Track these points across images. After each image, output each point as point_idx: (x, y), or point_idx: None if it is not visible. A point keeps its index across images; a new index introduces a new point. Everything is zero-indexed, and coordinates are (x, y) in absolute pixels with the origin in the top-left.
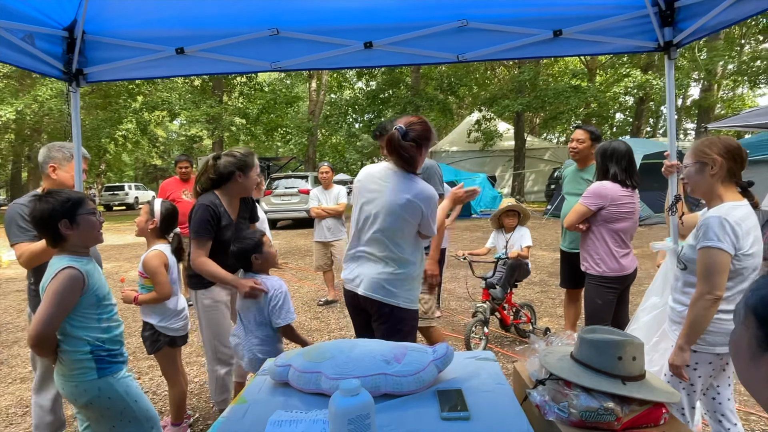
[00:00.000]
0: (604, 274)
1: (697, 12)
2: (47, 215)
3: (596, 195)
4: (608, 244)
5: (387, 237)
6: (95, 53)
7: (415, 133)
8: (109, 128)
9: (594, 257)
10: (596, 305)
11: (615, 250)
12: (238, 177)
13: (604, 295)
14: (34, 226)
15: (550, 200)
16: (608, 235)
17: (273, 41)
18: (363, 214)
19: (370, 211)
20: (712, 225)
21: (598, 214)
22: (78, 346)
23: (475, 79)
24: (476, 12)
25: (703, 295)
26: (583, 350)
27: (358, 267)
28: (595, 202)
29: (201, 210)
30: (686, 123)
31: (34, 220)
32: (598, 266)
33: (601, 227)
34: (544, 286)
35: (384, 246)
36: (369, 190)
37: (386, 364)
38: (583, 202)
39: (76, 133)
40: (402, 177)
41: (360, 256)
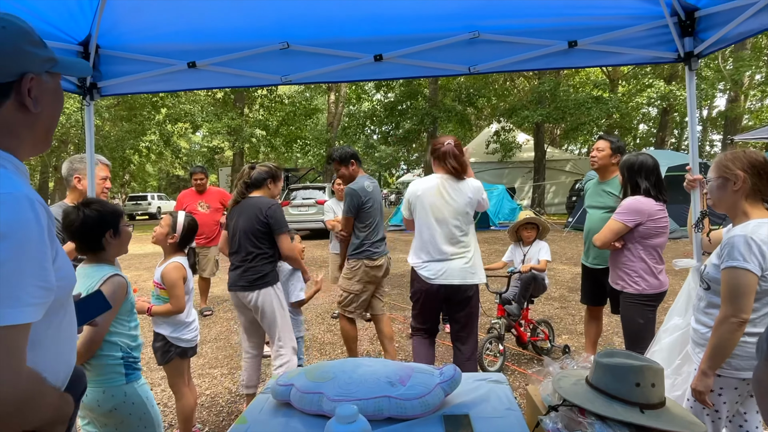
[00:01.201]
0: (644, 291)
1: (718, 22)
2: (96, 224)
3: (633, 211)
4: (646, 260)
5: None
6: (109, 67)
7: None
8: (133, 139)
9: (632, 275)
10: (638, 325)
11: (653, 267)
12: (269, 184)
13: (645, 314)
14: (77, 233)
15: (571, 213)
16: (645, 251)
17: (283, 55)
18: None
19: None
20: (737, 244)
21: (635, 230)
22: (112, 351)
23: (494, 90)
24: (488, 23)
25: (727, 318)
26: (599, 375)
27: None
28: (632, 218)
29: (279, 208)
30: (712, 134)
31: (80, 227)
32: (637, 284)
33: (638, 244)
34: (564, 301)
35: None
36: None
37: (390, 386)
38: (620, 219)
39: (89, 145)
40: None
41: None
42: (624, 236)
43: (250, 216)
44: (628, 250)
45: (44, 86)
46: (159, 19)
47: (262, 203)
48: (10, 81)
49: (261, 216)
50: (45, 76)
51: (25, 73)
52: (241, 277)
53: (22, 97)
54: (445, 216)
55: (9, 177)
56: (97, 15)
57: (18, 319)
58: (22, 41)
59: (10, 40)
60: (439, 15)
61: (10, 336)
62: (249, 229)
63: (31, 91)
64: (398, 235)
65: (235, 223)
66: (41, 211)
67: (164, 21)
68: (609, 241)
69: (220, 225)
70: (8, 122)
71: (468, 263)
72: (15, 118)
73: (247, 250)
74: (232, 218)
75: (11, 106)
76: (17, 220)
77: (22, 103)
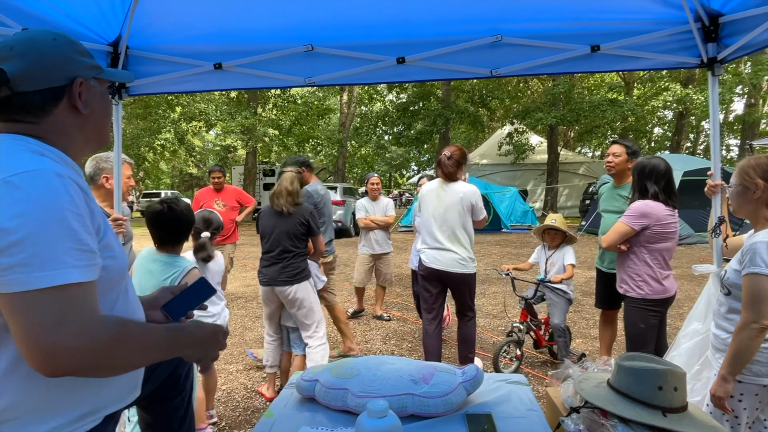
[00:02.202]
0: (647, 296)
1: (742, 28)
2: (191, 221)
3: (641, 214)
4: (651, 265)
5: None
6: (137, 67)
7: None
8: (148, 137)
9: (635, 279)
10: (638, 329)
11: (658, 272)
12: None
13: (647, 319)
14: (169, 225)
15: (585, 216)
16: (650, 256)
17: (307, 57)
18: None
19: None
20: (759, 250)
21: (641, 234)
22: None
23: (508, 92)
24: (511, 27)
25: (748, 323)
26: (621, 378)
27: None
28: (639, 221)
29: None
30: (729, 139)
31: (188, 222)
32: (640, 288)
33: (643, 248)
34: (578, 305)
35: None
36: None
37: (414, 384)
38: (626, 221)
39: (117, 144)
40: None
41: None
42: (630, 239)
43: (292, 220)
44: (633, 254)
45: (93, 90)
46: (188, 21)
47: (303, 209)
48: (63, 85)
49: (303, 220)
50: (93, 81)
51: (76, 78)
52: (281, 272)
53: (74, 100)
54: (440, 212)
55: (42, 159)
56: (129, 17)
57: (66, 278)
58: (71, 51)
59: (61, 49)
60: (462, 19)
61: (70, 295)
62: (291, 231)
63: (82, 94)
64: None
65: (273, 224)
66: (72, 184)
67: (193, 23)
68: (615, 243)
69: (236, 223)
70: (61, 123)
71: (458, 256)
72: (67, 119)
73: (285, 248)
74: (268, 219)
75: (64, 108)
76: (47, 191)
77: (74, 105)
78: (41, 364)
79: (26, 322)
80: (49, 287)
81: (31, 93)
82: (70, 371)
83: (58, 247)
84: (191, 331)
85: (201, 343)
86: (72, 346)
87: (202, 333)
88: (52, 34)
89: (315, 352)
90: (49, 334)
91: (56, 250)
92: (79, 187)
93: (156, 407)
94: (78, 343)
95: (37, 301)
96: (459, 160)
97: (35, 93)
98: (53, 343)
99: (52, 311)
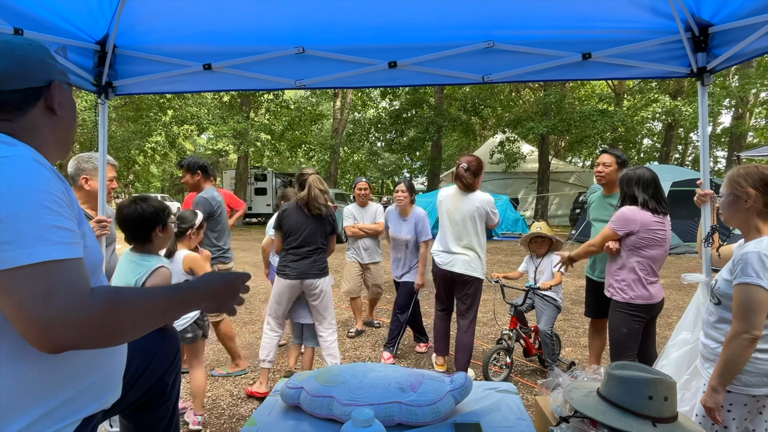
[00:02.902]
0: (631, 301)
1: (732, 38)
2: (150, 218)
3: (625, 220)
4: (637, 270)
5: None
6: (125, 67)
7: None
8: (139, 140)
9: (621, 283)
10: (621, 334)
11: (644, 278)
12: None
13: (629, 324)
14: (131, 224)
15: (575, 225)
16: (636, 262)
17: (298, 59)
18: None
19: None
20: (751, 260)
21: (627, 239)
22: None
23: (500, 101)
24: (503, 33)
25: (739, 334)
26: (610, 387)
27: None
28: (623, 227)
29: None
30: (717, 150)
31: (136, 219)
32: (624, 292)
33: (631, 252)
34: (567, 314)
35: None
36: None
37: (401, 392)
38: (611, 226)
39: (102, 144)
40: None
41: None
42: (619, 244)
43: (323, 218)
44: (620, 258)
45: (65, 94)
46: (177, 21)
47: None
48: (41, 86)
49: (331, 219)
50: (64, 85)
51: (53, 81)
52: (312, 266)
53: (51, 101)
54: (455, 219)
55: (17, 149)
56: (116, 15)
57: (51, 255)
58: (46, 55)
59: (37, 53)
60: (455, 24)
61: (57, 270)
62: (320, 228)
63: (56, 96)
64: None
65: (303, 221)
66: (50, 170)
67: (182, 23)
68: (600, 246)
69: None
70: (36, 122)
71: (469, 259)
72: (41, 119)
73: (316, 245)
74: (296, 216)
75: (40, 108)
76: (25, 173)
77: (50, 107)
78: (40, 340)
79: (17, 300)
80: (36, 263)
81: (9, 92)
82: (71, 344)
83: (40, 224)
84: (199, 285)
85: (215, 295)
86: (67, 318)
87: (214, 285)
88: (27, 40)
89: (332, 346)
90: (41, 309)
91: (39, 227)
92: (56, 173)
93: (140, 416)
94: (73, 315)
95: (26, 278)
96: (476, 171)
97: (14, 92)
98: (48, 317)
99: (41, 287)
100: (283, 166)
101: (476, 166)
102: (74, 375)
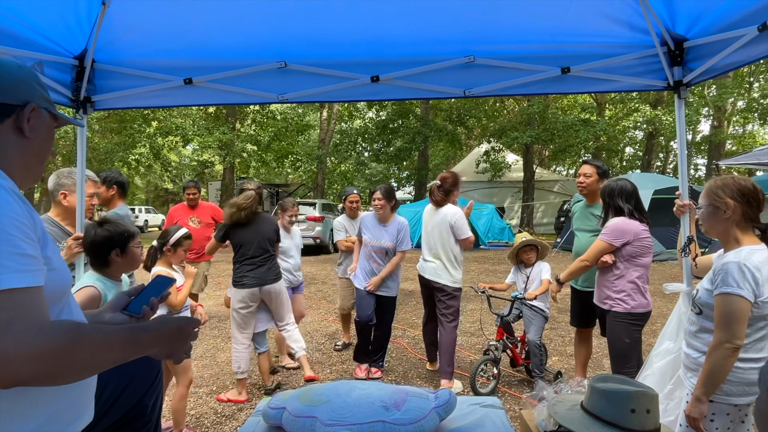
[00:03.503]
0: (632, 310)
1: (706, 53)
2: (104, 243)
3: (620, 231)
4: (635, 280)
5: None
6: (104, 81)
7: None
8: (122, 152)
9: (620, 294)
10: (624, 344)
11: (642, 286)
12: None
13: (631, 333)
14: (87, 249)
15: (560, 233)
16: (635, 270)
17: (280, 73)
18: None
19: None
20: (731, 270)
21: (623, 249)
22: None
23: (485, 111)
24: (483, 48)
25: (721, 343)
26: (594, 400)
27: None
28: (618, 238)
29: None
30: (696, 159)
31: (90, 244)
32: (625, 302)
33: (628, 263)
34: (554, 322)
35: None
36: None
37: (385, 410)
38: (606, 239)
39: (80, 159)
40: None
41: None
42: (614, 255)
43: (268, 227)
44: (617, 269)
45: (42, 120)
46: (157, 35)
47: (271, 218)
48: (14, 104)
49: (275, 227)
50: (44, 112)
51: (29, 102)
52: (269, 271)
53: (21, 121)
54: (428, 230)
55: None
56: (95, 30)
57: (10, 283)
58: (32, 80)
59: (23, 74)
60: (436, 39)
61: (16, 299)
62: (270, 237)
63: (30, 119)
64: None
65: (254, 232)
66: (11, 192)
67: (163, 37)
68: (595, 259)
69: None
70: (2, 141)
71: (435, 266)
72: (8, 138)
73: (269, 252)
74: (248, 229)
75: (9, 126)
76: None
77: (19, 127)
78: None
79: None
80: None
81: None
82: (25, 380)
83: (2, 252)
84: (154, 327)
85: (167, 340)
86: (24, 352)
87: (167, 329)
88: (19, 63)
89: (294, 333)
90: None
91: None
92: (18, 196)
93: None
94: (30, 349)
95: None
96: (449, 188)
97: None
98: (3, 350)
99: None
100: (270, 176)
101: (450, 183)
102: (36, 404)
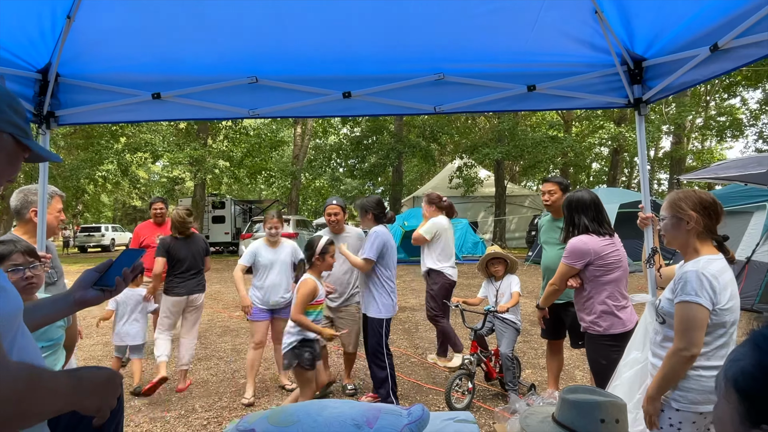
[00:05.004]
0: (604, 332)
1: (664, 71)
2: None
3: (578, 252)
4: (604, 300)
5: None
6: (69, 96)
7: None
8: (88, 169)
9: (592, 316)
10: (601, 366)
11: (612, 305)
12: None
13: (608, 355)
14: None
15: (531, 247)
16: (602, 290)
17: (251, 89)
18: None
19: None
20: (690, 279)
21: (587, 270)
22: None
23: (457, 128)
24: (452, 66)
25: (679, 350)
26: (564, 412)
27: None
28: (578, 260)
29: None
30: (659, 173)
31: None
32: (597, 325)
33: (594, 284)
34: (526, 335)
35: None
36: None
37: (357, 429)
38: (567, 262)
39: (42, 175)
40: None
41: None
42: (580, 276)
43: (198, 244)
44: (585, 290)
45: (2, 144)
46: (125, 49)
47: (200, 236)
48: None
49: (204, 244)
50: (8, 138)
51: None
52: (198, 284)
53: None
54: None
55: None
56: (60, 43)
57: None
58: (4, 103)
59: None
60: (407, 57)
61: None
62: (199, 253)
63: None
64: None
65: (187, 249)
66: None
67: (130, 51)
68: (562, 284)
69: None
70: None
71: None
72: None
73: (198, 267)
74: (182, 246)
75: None
76: None
77: None
78: None
79: None
80: None
81: None
82: None
83: None
84: (88, 376)
85: (98, 390)
86: None
87: (98, 378)
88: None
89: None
90: None
91: None
92: None
93: None
94: None
95: None
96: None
97: None
98: None
99: None
100: (242, 193)
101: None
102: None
